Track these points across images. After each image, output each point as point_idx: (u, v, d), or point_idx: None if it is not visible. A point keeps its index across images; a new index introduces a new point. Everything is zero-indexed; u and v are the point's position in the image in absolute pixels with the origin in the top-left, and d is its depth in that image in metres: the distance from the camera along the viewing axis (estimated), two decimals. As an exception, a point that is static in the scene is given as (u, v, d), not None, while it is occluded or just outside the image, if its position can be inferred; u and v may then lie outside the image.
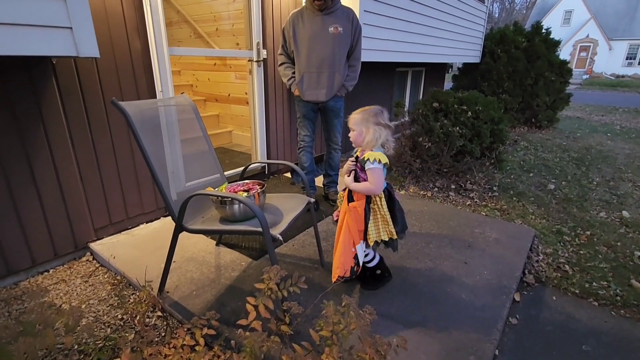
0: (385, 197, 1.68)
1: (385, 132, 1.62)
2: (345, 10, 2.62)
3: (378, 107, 1.67)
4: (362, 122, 1.63)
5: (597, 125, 7.53)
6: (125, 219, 2.43)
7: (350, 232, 1.66)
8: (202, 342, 0.93)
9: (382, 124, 1.61)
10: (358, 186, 1.65)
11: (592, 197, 3.49)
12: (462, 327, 1.66)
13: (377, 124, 1.60)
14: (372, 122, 1.61)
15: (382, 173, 1.61)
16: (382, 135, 1.61)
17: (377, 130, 1.60)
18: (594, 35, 25.85)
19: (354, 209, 1.66)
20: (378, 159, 1.57)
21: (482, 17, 6.24)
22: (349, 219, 1.66)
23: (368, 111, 1.64)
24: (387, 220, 1.65)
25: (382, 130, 1.60)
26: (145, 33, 2.28)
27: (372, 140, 1.61)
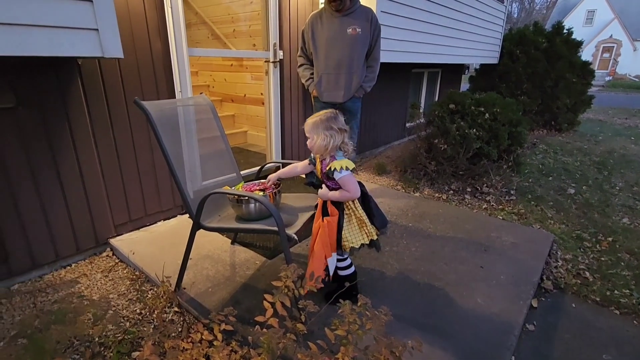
0: (359, 198, 1.62)
1: (340, 136, 1.55)
2: (365, 10, 2.62)
3: (331, 112, 1.61)
4: (313, 129, 1.57)
5: (620, 128, 7.30)
6: (144, 216, 2.49)
7: (323, 246, 1.60)
8: (220, 337, 0.95)
9: (334, 128, 1.54)
10: (335, 194, 1.58)
11: (614, 203, 3.38)
12: (477, 332, 1.64)
13: (329, 129, 1.53)
14: (322, 128, 1.54)
15: (353, 178, 1.57)
16: (336, 139, 1.54)
17: (327, 135, 1.53)
18: (618, 36, 25.01)
19: (327, 224, 1.61)
20: (345, 166, 1.53)
21: (501, 18, 6.13)
22: (322, 233, 1.61)
23: (319, 117, 1.58)
24: (364, 221, 1.60)
25: (334, 134, 1.53)
26: (166, 34, 2.33)
27: (322, 146, 1.55)
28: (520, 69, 5.91)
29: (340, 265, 1.75)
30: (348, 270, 1.77)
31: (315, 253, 1.61)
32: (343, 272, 1.76)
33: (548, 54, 5.90)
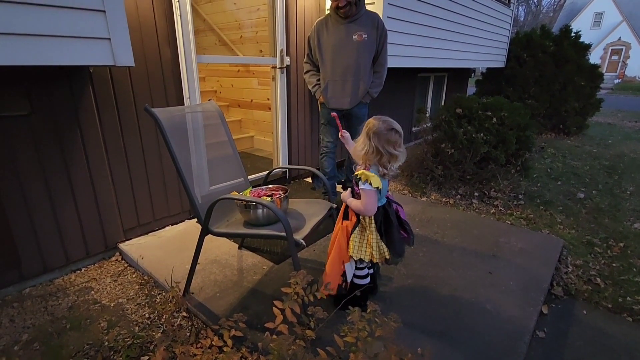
0: (380, 218, 1.57)
1: (382, 157, 1.47)
2: (371, 16, 2.63)
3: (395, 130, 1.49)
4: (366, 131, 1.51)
5: (630, 131, 7.20)
6: (152, 220, 2.51)
7: (341, 250, 1.59)
8: (229, 343, 0.95)
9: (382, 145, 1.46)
10: (352, 202, 1.56)
11: (625, 207, 3.33)
12: (486, 339, 1.62)
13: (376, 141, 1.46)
14: (371, 135, 1.47)
15: (374, 195, 1.48)
16: (375, 155, 1.47)
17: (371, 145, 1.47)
18: (627, 38, 24.75)
19: (345, 228, 1.60)
20: (370, 181, 1.45)
21: (507, 21, 6.11)
22: (341, 237, 1.59)
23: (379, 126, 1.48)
24: (371, 244, 1.56)
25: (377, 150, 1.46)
26: (175, 42, 2.37)
27: (360, 150, 1.50)
28: (528, 73, 5.88)
29: (358, 274, 1.74)
30: (363, 280, 1.76)
31: (332, 256, 1.62)
32: (358, 280, 1.75)
33: (556, 58, 5.87)
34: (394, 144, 1.48)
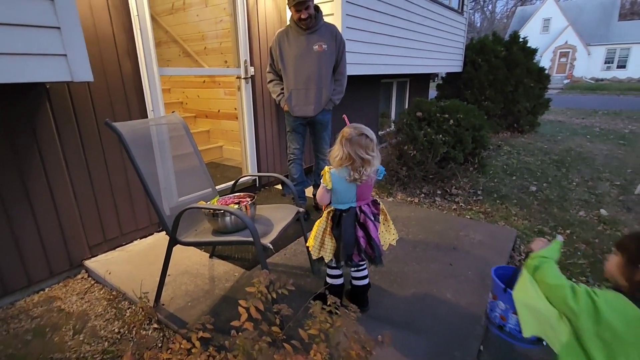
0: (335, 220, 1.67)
1: (358, 163, 1.55)
2: (329, 28, 2.75)
3: (366, 136, 1.56)
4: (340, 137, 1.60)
5: (577, 128, 7.80)
6: (119, 235, 2.48)
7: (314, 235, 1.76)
8: (198, 344, 1.00)
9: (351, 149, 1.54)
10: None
11: (571, 197, 3.63)
12: (448, 325, 1.74)
13: (347, 146, 1.55)
14: (344, 142, 1.56)
15: (322, 190, 1.66)
16: (355, 164, 1.55)
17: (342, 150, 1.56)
18: (573, 42, 26.74)
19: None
20: (326, 178, 1.60)
21: (462, 29, 6.49)
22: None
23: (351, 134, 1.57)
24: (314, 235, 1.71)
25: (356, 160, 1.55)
26: (135, 55, 2.37)
27: (338, 162, 1.58)
28: (483, 76, 6.26)
29: (330, 273, 1.83)
30: (334, 280, 1.84)
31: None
32: (330, 279, 1.85)
33: (507, 62, 6.29)
34: (366, 148, 1.55)
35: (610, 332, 0.94)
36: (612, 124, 8.33)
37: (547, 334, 1.08)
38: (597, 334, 0.96)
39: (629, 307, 0.94)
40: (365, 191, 1.66)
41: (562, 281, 1.06)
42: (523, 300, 1.13)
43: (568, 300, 1.00)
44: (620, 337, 0.94)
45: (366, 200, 1.70)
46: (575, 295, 1.00)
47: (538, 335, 1.11)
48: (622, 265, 1.02)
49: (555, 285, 1.06)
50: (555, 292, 1.05)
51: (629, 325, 0.93)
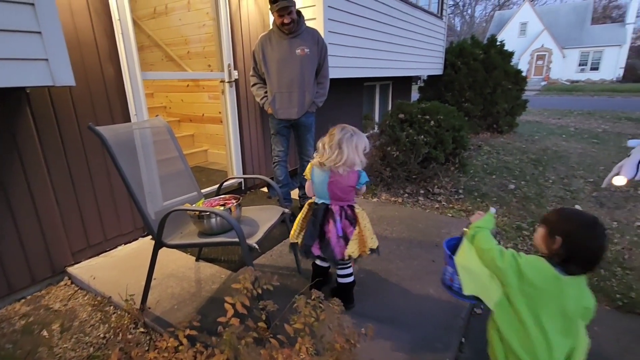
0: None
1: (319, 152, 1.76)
2: (311, 32, 2.80)
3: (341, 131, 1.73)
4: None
5: (553, 128, 8.08)
6: (103, 240, 2.45)
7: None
8: (185, 342, 1.02)
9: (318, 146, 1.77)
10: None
11: (548, 194, 3.78)
12: (430, 319, 1.80)
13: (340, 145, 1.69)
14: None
15: (308, 182, 1.84)
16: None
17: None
18: (548, 45, 27.68)
19: None
20: (306, 170, 1.82)
21: (442, 32, 6.67)
22: None
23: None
24: (297, 220, 1.85)
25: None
26: (117, 59, 2.37)
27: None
28: (462, 79, 6.44)
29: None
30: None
31: None
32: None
33: (485, 64, 6.48)
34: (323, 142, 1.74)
35: (531, 287, 1.13)
36: (586, 124, 8.67)
37: (482, 293, 1.27)
38: (520, 289, 1.14)
39: (546, 267, 1.13)
40: (336, 192, 1.71)
41: (492, 245, 1.24)
42: (462, 264, 1.33)
43: (496, 260, 1.19)
44: (539, 291, 1.12)
45: (341, 202, 1.74)
46: (502, 256, 1.19)
47: (475, 294, 1.30)
48: (544, 236, 1.19)
49: (487, 249, 1.24)
50: (486, 255, 1.24)
51: (546, 281, 1.12)
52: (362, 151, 1.72)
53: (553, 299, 1.11)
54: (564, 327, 1.13)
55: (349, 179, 1.69)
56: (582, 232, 1.12)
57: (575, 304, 1.12)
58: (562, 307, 1.11)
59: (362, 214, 1.79)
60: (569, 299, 1.11)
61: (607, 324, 1.91)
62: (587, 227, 1.12)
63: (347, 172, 1.68)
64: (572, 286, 1.12)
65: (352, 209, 1.77)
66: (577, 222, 1.15)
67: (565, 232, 1.12)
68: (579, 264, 1.11)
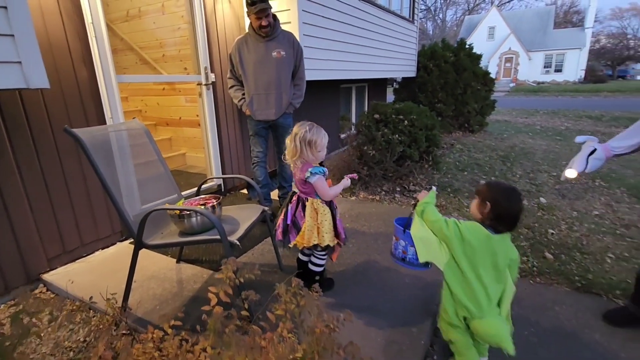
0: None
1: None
2: (287, 35, 2.87)
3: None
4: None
5: (521, 126, 8.49)
6: (80, 246, 2.42)
7: None
8: (170, 332, 1.05)
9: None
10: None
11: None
12: (406, 306, 1.90)
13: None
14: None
15: None
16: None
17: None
18: (515, 48, 28.97)
19: None
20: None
21: (414, 36, 6.89)
22: None
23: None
24: None
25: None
26: (91, 62, 2.35)
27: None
28: (435, 80, 6.68)
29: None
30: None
31: None
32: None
33: (456, 66, 6.76)
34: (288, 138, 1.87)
35: (470, 247, 1.40)
36: (551, 122, 9.16)
37: (434, 258, 1.53)
38: (463, 250, 1.42)
39: (480, 229, 1.41)
40: (297, 184, 1.90)
41: (438, 217, 1.51)
42: (417, 235, 1.57)
43: (443, 229, 1.45)
44: (476, 250, 1.40)
45: (303, 194, 1.87)
46: (447, 225, 1.46)
47: (429, 260, 1.56)
48: (477, 204, 1.46)
49: (435, 220, 1.50)
50: (435, 225, 1.50)
51: (481, 241, 1.40)
52: (318, 147, 1.78)
53: (487, 254, 1.40)
54: (496, 276, 1.42)
55: (301, 172, 1.79)
56: (504, 197, 1.41)
57: (504, 257, 1.42)
58: (494, 261, 1.40)
59: (324, 211, 1.83)
60: (499, 253, 1.40)
61: (568, 303, 2.07)
62: (508, 193, 1.43)
63: (301, 165, 1.80)
64: (500, 243, 1.41)
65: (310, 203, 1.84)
66: (501, 190, 1.45)
67: (493, 198, 1.41)
68: (504, 223, 1.41)
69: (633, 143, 1.69)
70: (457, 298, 1.45)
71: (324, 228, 1.80)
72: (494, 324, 1.37)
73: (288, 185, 3.23)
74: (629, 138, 1.70)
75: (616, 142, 1.74)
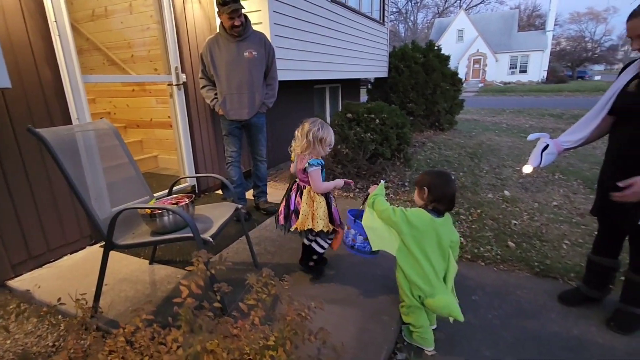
0: None
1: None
2: (258, 35, 2.90)
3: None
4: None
5: (488, 124, 8.86)
6: (47, 251, 2.34)
7: None
8: (142, 325, 1.06)
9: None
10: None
11: (482, 183, 4.19)
12: (377, 297, 1.97)
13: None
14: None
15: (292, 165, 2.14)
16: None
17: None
18: (483, 50, 30.13)
19: None
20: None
21: (385, 37, 7.07)
22: None
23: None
24: None
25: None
26: (55, 62, 2.29)
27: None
28: (405, 81, 6.87)
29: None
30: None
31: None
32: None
33: (425, 67, 6.98)
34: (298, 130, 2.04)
35: (417, 230, 1.59)
36: (516, 121, 9.61)
37: (386, 246, 1.69)
38: (411, 234, 1.60)
39: (424, 214, 1.61)
40: (298, 173, 2.05)
41: (386, 206, 1.68)
42: (368, 225, 1.73)
43: (391, 216, 1.63)
44: (422, 233, 1.59)
45: (302, 182, 2.05)
46: (395, 213, 1.63)
47: (381, 248, 1.71)
48: (418, 192, 1.68)
49: (384, 210, 1.67)
50: (384, 214, 1.66)
51: (425, 224, 1.59)
52: (327, 144, 1.99)
53: (432, 236, 1.59)
54: (441, 255, 1.62)
55: (303, 162, 1.97)
56: (438, 180, 1.64)
57: (446, 237, 1.61)
58: (439, 241, 1.60)
59: (319, 199, 2.01)
60: (442, 234, 1.59)
61: (527, 287, 2.21)
62: (441, 177, 1.66)
63: (305, 157, 1.96)
64: (442, 224, 1.61)
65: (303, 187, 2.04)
66: (434, 175, 1.69)
67: (429, 183, 1.64)
68: (442, 203, 1.62)
69: (579, 137, 1.84)
70: (410, 279, 1.64)
71: (318, 215, 1.97)
72: (444, 299, 1.58)
73: (263, 184, 3.25)
74: (575, 133, 1.85)
75: (565, 137, 1.88)
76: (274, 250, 2.55)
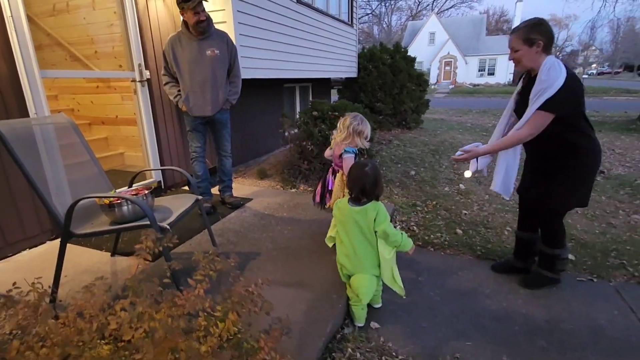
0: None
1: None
2: (220, 34, 2.98)
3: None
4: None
5: (454, 124, 9.27)
6: (4, 246, 2.34)
7: None
8: (91, 297, 1.15)
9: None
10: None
11: (440, 177, 4.44)
12: (330, 280, 2.11)
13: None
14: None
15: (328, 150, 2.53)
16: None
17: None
18: (453, 52, 31.16)
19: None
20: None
21: (353, 39, 7.27)
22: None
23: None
24: None
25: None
26: (11, 57, 2.30)
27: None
28: (374, 81, 7.11)
29: None
30: None
31: None
32: None
33: (392, 68, 7.24)
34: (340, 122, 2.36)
35: (339, 216, 1.89)
36: (481, 120, 10.09)
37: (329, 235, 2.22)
38: (338, 220, 1.91)
39: (344, 204, 1.87)
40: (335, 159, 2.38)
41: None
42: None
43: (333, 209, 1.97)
44: (344, 219, 1.86)
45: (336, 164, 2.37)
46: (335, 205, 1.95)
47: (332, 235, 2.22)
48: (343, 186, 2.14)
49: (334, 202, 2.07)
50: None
51: (344, 213, 1.86)
52: (364, 136, 2.28)
53: (352, 222, 1.81)
54: (365, 239, 1.81)
55: (339, 150, 2.25)
56: (352, 172, 1.87)
57: (366, 224, 1.78)
58: (359, 227, 1.80)
59: (340, 179, 2.37)
60: (360, 221, 1.79)
61: (469, 269, 2.43)
62: (356, 169, 1.86)
63: (343, 146, 2.23)
64: (358, 212, 1.80)
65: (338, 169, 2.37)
66: (353, 167, 1.91)
67: (348, 174, 1.92)
68: (360, 192, 1.81)
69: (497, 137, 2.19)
70: (338, 259, 1.94)
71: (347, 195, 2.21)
72: (359, 278, 1.81)
73: (228, 179, 3.33)
74: (495, 134, 2.24)
75: (491, 139, 2.21)
76: (236, 240, 2.65)
